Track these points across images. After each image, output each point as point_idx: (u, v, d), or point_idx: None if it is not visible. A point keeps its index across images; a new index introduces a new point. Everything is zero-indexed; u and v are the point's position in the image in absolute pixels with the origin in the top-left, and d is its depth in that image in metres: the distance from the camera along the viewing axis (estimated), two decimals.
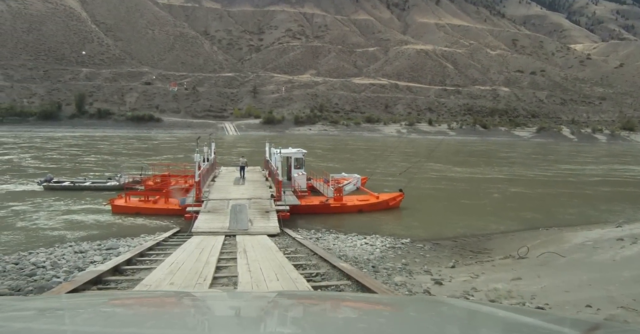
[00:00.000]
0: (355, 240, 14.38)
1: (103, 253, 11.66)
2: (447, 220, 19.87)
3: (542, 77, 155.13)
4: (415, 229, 17.73)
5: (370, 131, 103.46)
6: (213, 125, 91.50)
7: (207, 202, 17.58)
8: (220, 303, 2.14)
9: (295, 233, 14.94)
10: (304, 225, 17.76)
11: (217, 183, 22.48)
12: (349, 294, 4.68)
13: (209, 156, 24.15)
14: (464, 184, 31.42)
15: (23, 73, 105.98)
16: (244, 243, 11.79)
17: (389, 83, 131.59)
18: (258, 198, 18.42)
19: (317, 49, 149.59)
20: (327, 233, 15.70)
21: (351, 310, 1.95)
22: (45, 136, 70.52)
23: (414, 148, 61.76)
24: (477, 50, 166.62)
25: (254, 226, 14.69)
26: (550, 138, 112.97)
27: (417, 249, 13.58)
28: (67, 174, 29.38)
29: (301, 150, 23.45)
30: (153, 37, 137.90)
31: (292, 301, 2.22)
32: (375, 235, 15.83)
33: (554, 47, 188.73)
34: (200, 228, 14.37)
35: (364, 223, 18.65)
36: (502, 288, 7.74)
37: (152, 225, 17.21)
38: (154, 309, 1.95)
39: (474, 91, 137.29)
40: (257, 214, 16.11)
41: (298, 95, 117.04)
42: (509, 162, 51.10)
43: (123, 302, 2.14)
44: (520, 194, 28.66)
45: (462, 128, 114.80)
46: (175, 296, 2.52)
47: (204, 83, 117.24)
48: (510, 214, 22.16)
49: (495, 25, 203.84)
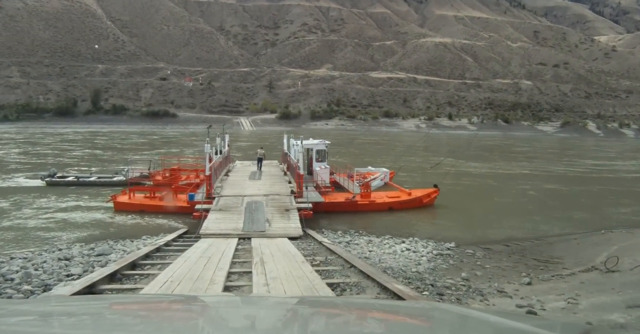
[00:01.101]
0: (392, 244, 12.07)
1: (90, 261, 9.58)
2: (489, 220, 17.42)
3: (565, 69, 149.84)
4: (456, 231, 15.32)
5: (388, 126, 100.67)
6: (229, 120, 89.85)
7: (218, 199, 15.45)
8: (230, 310, 1.97)
9: (321, 235, 12.71)
10: (327, 225, 15.53)
11: (230, 178, 20.36)
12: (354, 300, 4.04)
13: (222, 148, 22.05)
14: (492, 180, 28.80)
15: (39, 70, 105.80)
16: (260, 250, 9.61)
17: (407, 77, 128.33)
18: (276, 195, 16.22)
19: (333, 43, 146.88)
20: (356, 236, 13.43)
21: (338, 314, 1.86)
22: (61, 132, 69.63)
23: (437, 143, 59.08)
24: (498, 42, 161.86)
25: (272, 227, 12.51)
26: (575, 133, 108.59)
27: (468, 256, 11.22)
28: (75, 169, 27.68)
29: (324, 140, 21.18)
30: (168, 33, 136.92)
31: (314, 309, 2.01)
32: (414, 238, 13.50)
33: (577, 39, 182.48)
34: (210, 229, 12.24)
35: (396, 223, 16.32)
36: (627, 324, 5.37)
37: (156, 225, 15.16)
38: (149, 313, 1.82)
39: (495, 84, 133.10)
40: (275, 213, 13.91)
41: (314, 89, 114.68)
42: (535, 157, 48.05)
43: (116, 306, 1.99)
44: (557, 191, 25.96)
45: (483, 123, 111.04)
46: (180, 300, 2.36)
47: (219, 78, 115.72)
48: (557, 214, 19.57)
49: (515, 17, 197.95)
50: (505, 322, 1.64)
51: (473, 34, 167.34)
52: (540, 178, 30.51)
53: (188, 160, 25.74)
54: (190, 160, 25.80)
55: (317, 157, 20.47)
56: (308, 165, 20.47)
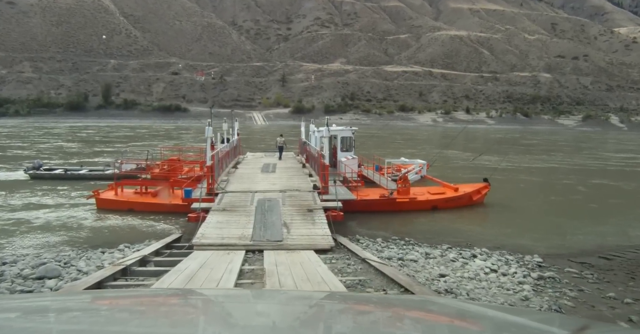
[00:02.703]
0: (460, 259, 8.51)
1: (17, 290, 6.21)
2: (556, 223, 13.75)
3: (585, 62, 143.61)
4: (525, 238, 11.72)
5: (404, 120, 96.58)
6: (241, 115, 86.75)
7: (222, 196, 12.05)
8: (235, 304, 1.79)
9: (357, 245, 9.21)
10: (358, 229, 12.05)
11: (239, 171, 16.97)
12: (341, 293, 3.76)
13: (229, 136, 18.66)
14: (534, 176, 24.92)
15: (52, 66, 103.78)
16: (277, 272, 6.20)
17: (423, 71, 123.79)
18: (295, 190, 12.78)
19: (346, 37, 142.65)
20: (405, 245, 9.89)
21: (342, 308, 1.80)
22: (74, 126, 67.11)
23: (467, 138, 55.09)
24: (514, 35, 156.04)
25: (292, 235, 9.05)
26: (597, 126, 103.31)
27: (577, 279, 7.60)
28: (74, 161, 24.57)
29: (349, 126, 17.63)
30: (180, 28, 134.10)
31: (328, 304, 1.90)
32: (481, 248, 9.93)
33: (596, 31, 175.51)
34: (208, 238, 8.82)
35: (445, 226, 12.77)
36: None
37: (144, 228, 11.81)
38: (147, 307, 1.73)
39: (513, 78, 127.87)
40: (295, 214, 10.45)
41: (328, 83, 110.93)
42: (564, 150, 43.78)
43: (114, 300, 1.90)
44: (609, 187, 22.15)
45: (502, 117, 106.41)
46: (183, 294, 2.25)
47: (231, 72, 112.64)
48: (632, 213, 15.91)
49: (532, 9, 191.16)
50: (503, 316, 1.62)
51: (489, 27, 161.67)
52: (581, 173, 26.69)
53: (191, 151, 22.51)
54: (193, 152, 22.46)
55: (342, 145, 16.95)
56: (331, 156, 16.94)
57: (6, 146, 35.85)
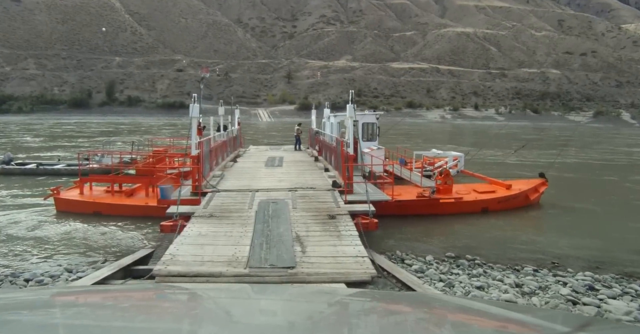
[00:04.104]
0: (570, 293, 5.22)
1: None
2: None
3: (593, 58, 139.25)
4: (619, 250, 8.40)
5: (412, 117, 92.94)
6: (246, 112, 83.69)
7: (212, 196, 8.83)
8: (244, 301, 1.70)
9: (408, 271, 5.94)
10: (390, 240, 8.80)
11: (238, 164, 13.73)
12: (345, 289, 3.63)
13: (226, 123, 15.43)
14: (572, 173, 21.46)
15: (56, 63, 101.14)
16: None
17: (430, 67, 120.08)
18: (309, 189, 9.53)
19: (352, 34, 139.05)
20: (472, 267, 6.62)
21: (344, 305, 1.75)
22: (79, 122, 64.28)
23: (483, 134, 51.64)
24: (521, 31, 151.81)
25: (310, 256, 5.79)
26: (608, 123, 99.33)
27: None
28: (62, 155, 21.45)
29: (374, 110, 14.32)
30: (186, 26, 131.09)
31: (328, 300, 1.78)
32: (583, 272, 6.64)
33: (603, 28, 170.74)
34: (179, 263, 5.59)
35: (508, 235, 9.48)
36: None
37: (103, 242, 8.58)
38: (152, 303, 1.70)
39: (521, 74, 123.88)
40: (312, 222, 7.20)
41: (334, 80, 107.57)
42: (583, 146, 40.12)
43: (119, 296, 1.85)
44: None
45: (512, 113, 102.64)
46: (190, 290, 2.19)
47: (236, 69, 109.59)
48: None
49: (538, 5, 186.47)
50: (507, 313, 1.59)
51: (495, 24, 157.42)
52: (615, 169, 23.26)
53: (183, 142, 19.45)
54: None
55: (365, 134, 13.67)
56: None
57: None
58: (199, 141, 9.26)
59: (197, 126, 9.52)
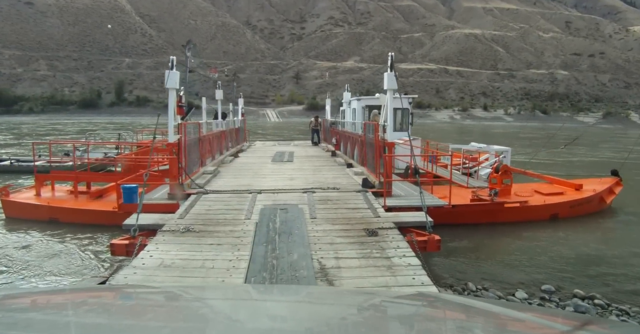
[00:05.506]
0: None
1: None
2: None
3: (602, 59, 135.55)
4: None
5: (421, 117, 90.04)
6: (254, 112, 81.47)
7: (196, 199, 6.24)
8: (255, 302, 1.66)
9: None
10: (448, 261, 6.10)
11: (239, 159, 11.15)
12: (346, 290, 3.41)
13: (226, 112, 12.90)
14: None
15: (67, 64, 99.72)
16: None
17: (438, 68, 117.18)
18: (332, 189, 6.92)
19: (360, 35, 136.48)
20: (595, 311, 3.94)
21: (346, 304, 1.68)
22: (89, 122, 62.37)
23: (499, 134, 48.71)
24: (529, 33, 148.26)
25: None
26: (618, 124, 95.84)
27: None
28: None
29: (406, 93, 11.67)
30: (195, 27, 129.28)
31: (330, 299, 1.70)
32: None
33: (611, 29, 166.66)
34: None
35: (601, 252, 6.76)
36: None
37: (46, 264, 5.99)
38: (162, 302, 1.66)
39: (529, 75, 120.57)
40: (342, 242, 4.56)
41: (342, 80, 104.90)
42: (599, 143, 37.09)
43: (130, 295, 1.85)
44: None
45: (520, 114, 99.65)
46: (200, 289, 2.20)
47: (245, 70, 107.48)
48: None
49: (545, 7, 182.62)
50: (508, 312, 1.57)
51: (503, 25, 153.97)
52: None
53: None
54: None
55: (395, 122, 10.97)
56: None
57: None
58: (179, 123, 6.68)
59: (177, 102, 6.92)
